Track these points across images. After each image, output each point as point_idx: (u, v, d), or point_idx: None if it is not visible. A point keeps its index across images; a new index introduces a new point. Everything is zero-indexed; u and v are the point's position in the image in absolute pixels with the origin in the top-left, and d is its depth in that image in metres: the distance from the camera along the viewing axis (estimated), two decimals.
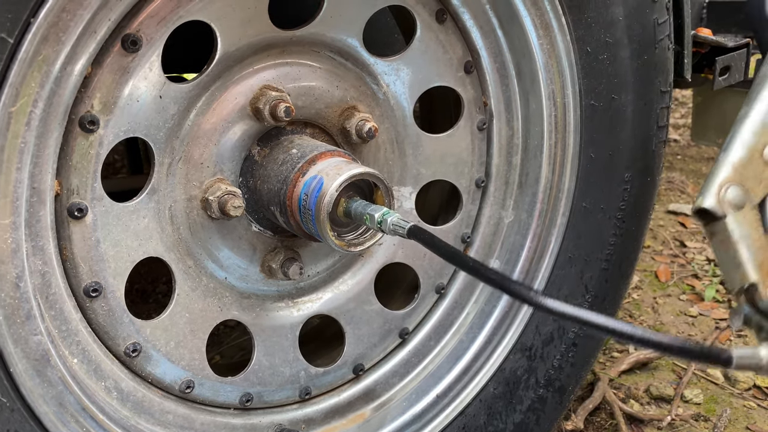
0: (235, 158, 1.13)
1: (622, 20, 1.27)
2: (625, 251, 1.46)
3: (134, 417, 1.07)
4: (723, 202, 0.91)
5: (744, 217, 0.91)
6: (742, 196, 0.91)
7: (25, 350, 0.89)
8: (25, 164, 0.84)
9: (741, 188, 0.92)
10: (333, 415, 1.31)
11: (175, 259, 1.10)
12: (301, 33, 1.12)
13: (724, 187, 0.91)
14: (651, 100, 1.38)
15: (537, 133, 1.35)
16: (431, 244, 0.98)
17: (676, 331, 2.21)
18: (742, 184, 0.92)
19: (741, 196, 0.91)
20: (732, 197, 0.91)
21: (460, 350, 1.40)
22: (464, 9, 1.24)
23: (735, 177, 0.92)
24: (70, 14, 0.82)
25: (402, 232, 1.01)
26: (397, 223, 1.01)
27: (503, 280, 0.89)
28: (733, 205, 0.91)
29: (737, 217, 0.90)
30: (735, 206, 0.91)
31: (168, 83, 1.01)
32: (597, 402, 1.77)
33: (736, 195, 0.91)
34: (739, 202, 0.91)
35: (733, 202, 0.91)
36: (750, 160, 0.94)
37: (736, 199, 0.91)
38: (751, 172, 0.93)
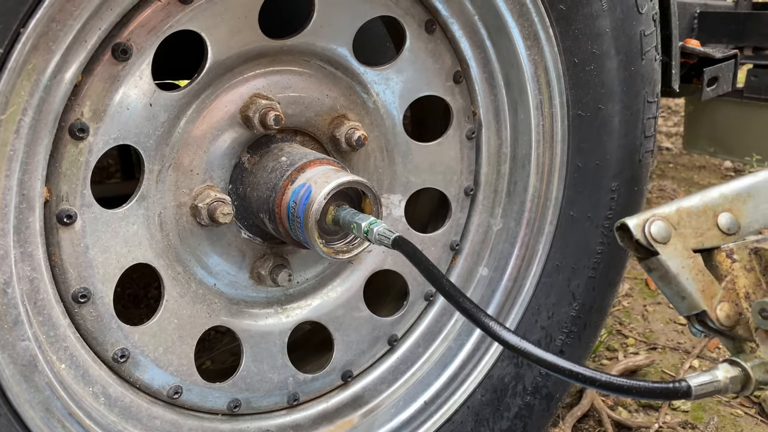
0: (225, 165, 1.14)
1: (609, 32, 1.29)
2: (612, 260, 1.47)
3: (121, 422, 1.07)
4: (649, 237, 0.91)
5: (674, 248, 0.92)
6: (666, 229, 0.92)
7: (12, 356, 0.90)
8: (14, 171, 0.85)
9: (665, 222, 0.93)
10: (321, 421, 1.32)
11: (165, 266, 1.11)
12: (292, 42, 1.14)
13: (653, 218, 0.92)
14: (638, 110, 1.39)
15: (525, 143, 1.36)
16: (413, 257, 0.99)
17: (666, 338, 2.22)
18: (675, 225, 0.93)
19: (665, 229, 0.92)
20: (656, 232, 0.92)
21: (449, 357, 1.40)
22: (453, 20, 1.25)
23: (672, 217, 0.93)
24: (60, 24, 0.83)
25: (387, 242, 1.02)
26: (382, 233, 1.03)
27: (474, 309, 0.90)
28: (658, 240, 0.91)
29: (668, 251, 0.92)
30: (660, 240, 0.91)
31: (158, 91, 1.02)
32: (585, 409, 1.78)
33: (660, 229, 0.92)
34: (664, 236, 0.92)
35: (658, 237, 0.92)
36: (700, 213, 0.95)
37: (661, 233, 0.92)
38: (694, 223, 0.94)
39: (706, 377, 0.88)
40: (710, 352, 2.14)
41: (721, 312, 0.93)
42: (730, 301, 0.93)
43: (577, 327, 1.47)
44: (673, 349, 2.16)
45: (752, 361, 0.91)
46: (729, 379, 0.90)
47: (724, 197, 0.97)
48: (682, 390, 0.85)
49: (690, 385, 0.85)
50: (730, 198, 0.97)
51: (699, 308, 0.92)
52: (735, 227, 0.96)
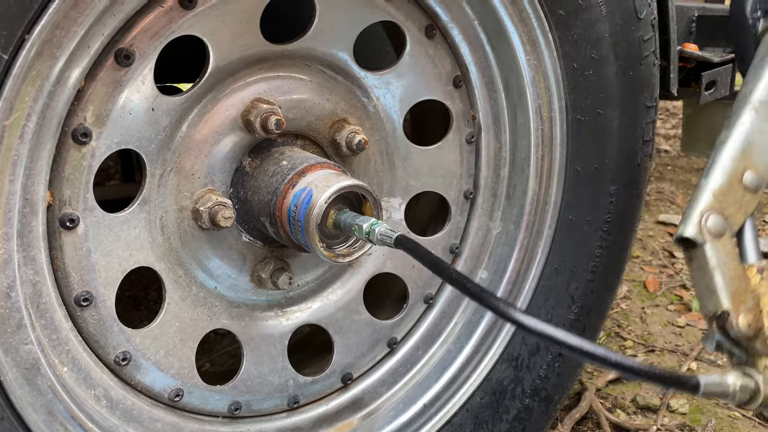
0: (226, 169, 1.14)
1: (607, 37, 1.30)
2: (611, 263, 1.48)
3: (123, 425, 1.08)
4: (703, 230, 0.93)
5: (722, 245, 0.93)
6: (722, 224, 0.94)
7: (15, 359, 0.90)
8: (18, 176, 0.86)
9: (721, 216, 0.94)
10: (321, 424, 1.32)
11: (166, 269, 1.12)
12: (293, 47, 1.14)
13: (705, 215, 0.94)
14: (636, 114, 1.40)
15: (524, 147, 1.37)
16: (417, 253, 1.00)
17: (664, 341, 2.23)
18: (722, 211, 0.95)
19: (721, 224, 0.94)
20: (712, 225, 0.93)
21: (448, 360, 1.41)
22: (453, 24, 1.26)
23: (715, 205, 0.95)
24: (63, 30, 0.84)
25: (389, 242, 1.03)
26: (384, 233, 1.03)
27: (484, 294, 0.91)
28: (713, 234, 0.93)
29: (716, 245, 0.93)
30: (715, 234, 0.93)
31: (160, 96, 1.03)
32: (584, 412, 1.79)
33: (716, 223, 0.94)
34: (720, 230, 0.94)
35: (714, 231, 0.93)
36: (730, 186, 0.97)
37: (716, 227, 0.93)
38: (731, 199, 0.96)
39: (716, 378, 0.88)
40: (708, 355, 2.15)
41: (744, 319, 0.93)
42: (754, 313, 0.93)
43: (575, 330, 1.48)
44: (671, 351, 2.17)
45: (765, 375, 0.92)
46: (739, 386, 0.90)
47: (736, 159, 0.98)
48: (691, 383, 0.85)
49: (699, 382, 0.86)
50: (740, 157, 0.98)
51: (723, 307, 0.92)
52: (758, 181, 0.98)
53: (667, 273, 2.70)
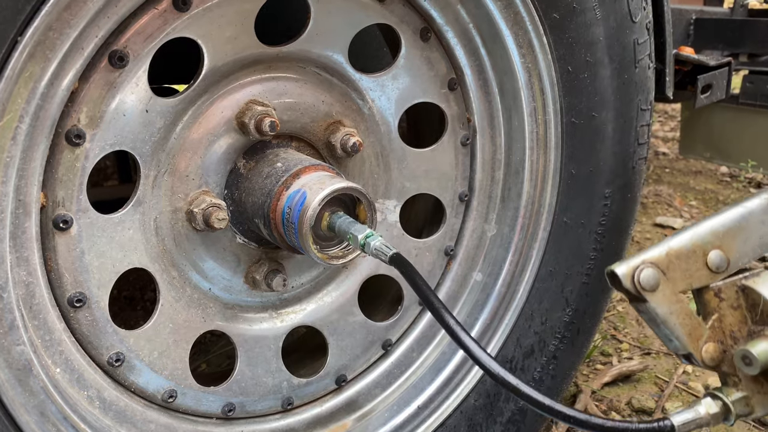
0: (221, 171, 1.15)
1: (602, 40, 1.30)
2: (605, 266, 1.48)
3: (116, 426, 1.08)
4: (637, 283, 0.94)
5: (663, 295, 0.95)
6: (655, 277, 0.94)
7: (8, 360, 0.90)
8: (11, 178, 0.86)
9: (656, 269, 0.95)
10: (315, 425, 1.33)
11: (160, 270, 1.12)
12: (288, 49, 1.15)
13: (643, 266, 0.94)
14: (631, 117, 1.40)
15: (519, 149, 1.37)
16: (410, 277, 1.00)
17: (660, 344, 2.23)
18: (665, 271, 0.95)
19: (654, 278, 0.94)
20: (645, 279, 0.94)
21: (442, 362, 1.41)
22: (448, 27, 1.27)
23: (662, 261, 0.95)
24: (57, 32, 0.84)
25: (384, 258, 1.03)
26: (379, 249, 1.04)
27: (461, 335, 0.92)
28: (646, 288, 0.94)
29: (657, 298, 0.94)
30: (649, 288, 0.94)
31: (154, 98, 1.03)
32: None
33: (649, 276, 0.94)
34: (653, 284, 0.94)
35: (647, 285, 0.94)
36: (689, 254, 0.97)
37: (650, 281, 0.94)
38: (683, 266, 0.96)
39: (689, 414, 0.93)
40: None
41: (706, 354, 0.97)
42: (715, 340, 0.96)
43: (570, 332, 1.48)
44: (667, 354, 2.17)
45: (734, 396, 0.95)
46: (711, 414, 0.95)
47: (715, 234, 0.98)
48: (666, 428, 0.89)
49: (674, 424, 0.90)
50: (720, 234, 0.99)
51: (686, 350, 0.97)
52: (724, 265, 0.98)
53: None
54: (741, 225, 1.00)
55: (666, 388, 1.96)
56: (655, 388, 2.00)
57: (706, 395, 0.97)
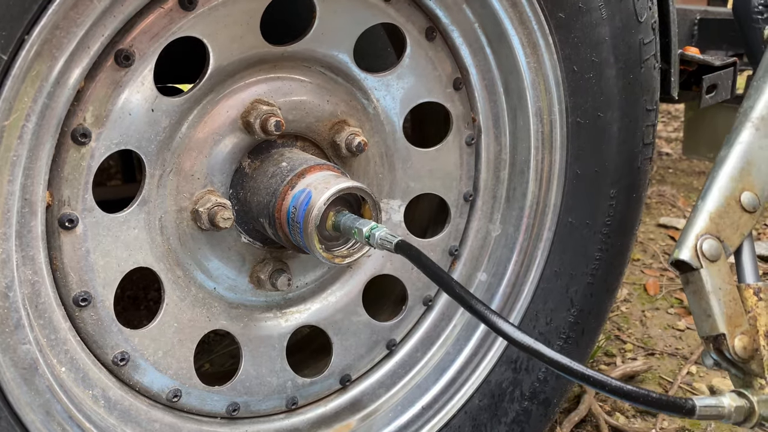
0: (226, 170, 1.15)
1: (608, 40, 1.30)
2: (610, 266, 1.48)
3: (121, 425, 1.08)
4: (699, 254, 0.95)
5: (718, 269, 0.95)
6: (717, 248, 0.96)
7: (14, 359, 0.90)
8: (17, 177, 0.86)
9: (717, 240, 0.96)
10: (319, 425, 1.32)
11: (165, 270, 1.12)
12: (293, 48, 1.15)
13: (701, 239, 0.95)
14: (637, 117, 1.40)
15: (524, 149, 1.37)
16: (417, 260, 1.00)
17: (664, 344, 2.23)
18: (718, 234, 0.96)
19: (716, 248, 0.95)
20: (707, 249, 0.95)
21: (447, 362, 1.41)
22: (453, 27, 1.26)
23: (712, 228, 0.96)
24: (63, 31, 0.84)
25: (389, 247, 1.03)
26: (384, 238, 1.03)
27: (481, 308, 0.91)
28: (708, 258, 0.95)
29: (711, 270, 0.95)
30: (710, 258, 0.95)
31: (160, 97, 1.03)
32: (583, 415, 1.79)
33: (711, 247, 0.95)
34: (715, 254, 0.95)
35: (709, 255, 0.95)
36: (727, 208, 0.98)
37: (712, 251, 0.95)
38: (728, 221, 0.97)
39: (712, 401, 0.91)
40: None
41: (739, 342, 0.96)
42: (749, 335, 0.95)
43: (575, 333, 1.48)
44: (671, 354, 2.17)
45: (759, 396, 0.94)
46: (734, 408, 0.93)
47: (734, 179, 1.00)
48: (687, 407, 0.88)
49: (695, 405, 0.88)
50: (738, 177, 1.00)
51: (719, 330, 0.95)
52: (756, 201, 1.00)
53: (668, 276, 2.69)
54: (748, 160, 1.01)
55: (670, 389, 1.95)
56: (659, 388, 2.00)
57: (732, 391, 0.95)
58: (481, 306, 0.92)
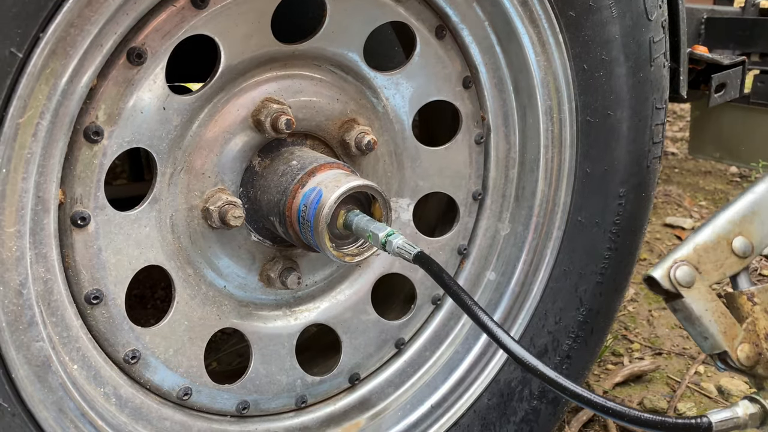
0: (236, 169, 1.15)
1: (618, 38, 1.30)
2: (619, 265, 1.48)
3: (132, 423, 1.08)
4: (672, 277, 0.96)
5: (698, 291, 0.97)
6: (690, 274, 0.98)
7: (27, 356, 0.91)
8: (31, 174, 0.86)
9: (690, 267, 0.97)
10: (329, 423, 1.32)
11: (175, 268, 1.12)
12: (303, 47, 1.15)
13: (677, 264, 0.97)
14: (646, 116, 1.40)
15: (533, 148, 1.37)
16: (438, 276, 1.00)
17: (671, 344, 2.22)
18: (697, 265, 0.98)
19: (689, 275, 0.98)
20: (681, 275, 0.97)
21: (456, 361, 1.41)
22: (463, 25, 1.26)
23: (692, 257, 0.99)
24: (77, 29, 0.84)
25: (408, 257, 1.03)
26: (402, 247, 1.03)
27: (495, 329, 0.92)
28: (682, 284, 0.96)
29: (692, 294, 0.96)
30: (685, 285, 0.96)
31: (171, 95, 1.03)
32: (591, 414, 1.79)
33: (684, 273, 0.98)
34: (689, 281, 0.97)
35: (683, 281, 0.97)
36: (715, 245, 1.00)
37: (686, 277, 0.98)
38: (712, 257, 1.00)
39: (726, 413, 0.93)
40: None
41: (742, 353, 0.98)
42: (750, 342, 0.97)
43: (584, 332, 1.48)
44: (679, 354, 2.16)
45: None
46: (749, 415, 0.95)
47: (733, 222, 1.01)
48: (704, 426, 0.89)
49: (711, 421, 0.89)
50: (738, 221, 1.02)
51: (720, 348, 0.99)
52: (749, 249, 1.01)
53: None
54: (754, 210, 1.03)
55: (678, 389, 1.95)
56: (666, 388, 1.99)
57: (744, 398, 0.98)
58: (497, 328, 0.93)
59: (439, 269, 0.99)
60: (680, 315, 0.99)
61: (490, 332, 0.91)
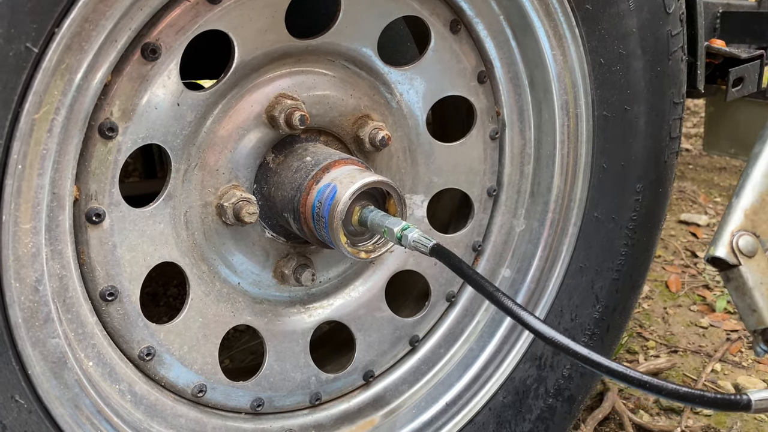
0: (250, 165, 1.14)
1: (635, 32, 1.28)
2: (636, 262, 1.46)
3: (147, 420, 1.08)
4: (735, 250, 0.94)
5: (757, 264, 0.95)
6: (753, 244, 0.96)
7: (43, 353, 0.90)
8: (47, 170, 0.86)
9: (752, 236, 0.95)
10: (343, 421, 1.32)
11: (190, 264, 1.12)
12: (317, 42, 1.14)
13: (736, 235, 0.95)
14: (663, 111, 1.38)
15: (549, 143, 1.35)
16: (455, 265, 0.99)
17: (687, 341, 2.20)
18: (754, 230, 0.96)
19: (752, 244, 0.96)
20: (744, 245, 0.95)
21: (470, 358, 1.40)
22: (478, 19, 1.25)
23: (747, 224, 0.96)
24: (92, 24, 0.84)
25: (424, 250, 1.02)
26: (418, 240, 1.02)
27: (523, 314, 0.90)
28: (745, 253, 0.94)
29: (751, 265, 0.95)
30: (747, 254, 0.94)
31: (186, 91, 1.03)
32: (606, 412, 1.77)
33: (747, 243, 0.96)
34: (751, 250, 0.95)
35: (745, 250, 0.95)
36: (762, 204, 0.98)
37: (748, 247, 0.95)
38: (764, 217, 0.97)
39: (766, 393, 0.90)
40: (732, 356, 2.12)
41: None
42: None
43: (600, 329, 1.46)
44: (695, 352, 2.14)
45: None
46: None
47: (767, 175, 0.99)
48: (743, 402, 0.87)
49: (751, 399, 0.88)
50: None
51: (767, 324, 0.95)
52: None
53: (690, 273, 2.66)
54: None
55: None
56: None
57: None
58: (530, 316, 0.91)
59: (457, 260, 0.98)
60: (732, 285, 0.97)
61: (515, 316, 0.90)
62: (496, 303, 0.94)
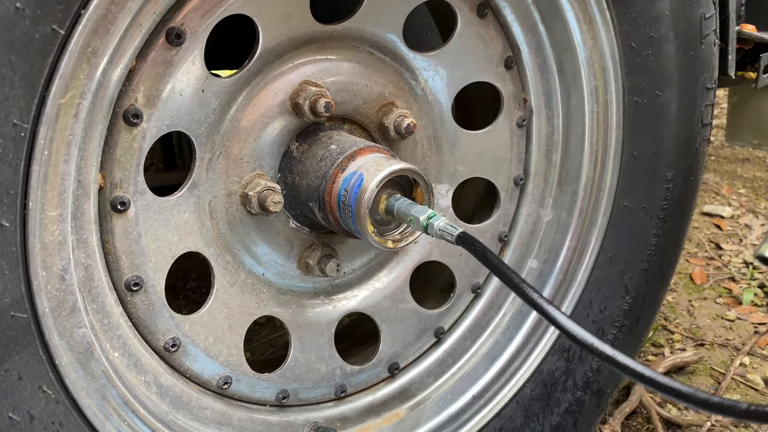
0: (274, 154, 1.12)
1: (668, 15, 1.24)
2: (666, 252, 1.42)
3: (173, 412, 1.07)
4: None
5: None
6: None
7: (70, 343, 0.89)
8: (72, 156, 0.84)
9: None
10: (368, 413, 1.30)
11: (214, 254, 1.10)
12: (342, 28, 1.11)
13: None
14: (696, 97, 1.34)
15: (578, 130, 1.32)
16: (481, 254, 0.96)
17: (714, 335, 2.16)
18: None
19: None
20: None
21: (497, 351, 1.37)
22: (506, 3, 1.22)
23: None
24: (118, 6, 0.82)
25: (450, 238, 0.99)
26: (444, 228, 1.00)
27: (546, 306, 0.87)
28: None
29: None
30: None
31: (210, 77, 1.01)
32: (634, 406, 1.74)
33: None
34: None
35: None
36: None
37: None
38: None
39: None
40: (761, 349, 2.07)
41: None
42: None
43: (629, 321, 1.43)
44: (722, 345, 2.10)
45: None
46: None
47: None
48: None
49: None
50: None
51: None
52: None
53: (714, 265, 2.61)
54: None
55: (723, 380, 1.89)
56: (710, 380, 1.93)
57: None
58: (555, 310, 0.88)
59: (483, 248, 0.96)
60: None
61: (540, 309, 0.87)
62: (520, 294, 0.92)
